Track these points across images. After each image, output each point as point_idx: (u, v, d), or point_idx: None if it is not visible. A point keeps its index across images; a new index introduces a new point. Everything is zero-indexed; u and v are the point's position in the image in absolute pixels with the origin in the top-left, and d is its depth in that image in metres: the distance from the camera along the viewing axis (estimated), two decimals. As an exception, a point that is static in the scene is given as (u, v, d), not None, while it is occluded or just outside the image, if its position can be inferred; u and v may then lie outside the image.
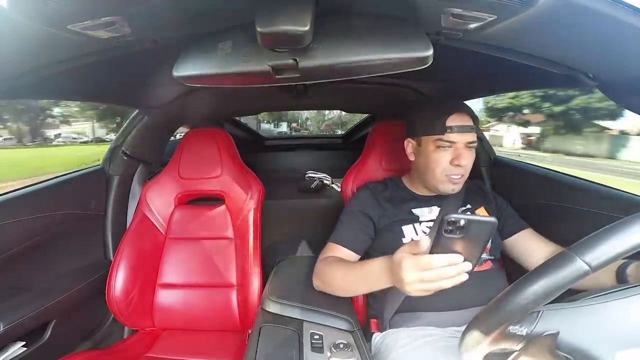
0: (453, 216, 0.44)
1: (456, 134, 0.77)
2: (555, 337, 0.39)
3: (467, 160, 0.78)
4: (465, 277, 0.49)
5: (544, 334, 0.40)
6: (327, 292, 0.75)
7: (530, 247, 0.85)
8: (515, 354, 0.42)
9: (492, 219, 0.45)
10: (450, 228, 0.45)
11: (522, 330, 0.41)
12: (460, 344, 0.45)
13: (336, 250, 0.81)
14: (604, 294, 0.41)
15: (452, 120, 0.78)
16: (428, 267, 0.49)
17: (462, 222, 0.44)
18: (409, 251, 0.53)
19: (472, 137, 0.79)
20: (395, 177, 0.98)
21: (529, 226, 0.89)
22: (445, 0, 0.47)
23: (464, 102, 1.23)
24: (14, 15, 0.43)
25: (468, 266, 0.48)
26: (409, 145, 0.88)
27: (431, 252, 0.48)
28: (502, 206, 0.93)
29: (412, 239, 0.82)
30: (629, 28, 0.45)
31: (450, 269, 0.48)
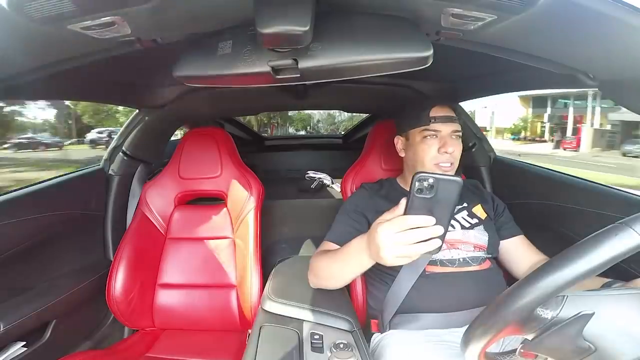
0: (422, 174, 0.48)
1: (440, 123, 0.83)
2: (587, 319, 0.38)
3: (454, 147, 0.82)
4: (439, 243, 0.50)
5: (580, 313, 0.38)
6: (321, 287, 0.76)
7: (520, 254, 0.86)
8: (525, 346, 0.41)
9: (458, 178, 0.48)
10: (420, 187, 0.48)
11: (548, 313, 0.39)
12: (466, 334, 0.44)
13: (328, 247, 0.82)
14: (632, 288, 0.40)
15: (435, 112, 0.84)
16: (401, 228, 0.50)
17: (430, 180, 0.48)
18: (385, 218, 0.54)
19: (455, 126, 0.84)
20: (390, 177, 1.00)
21: (522, 233, 0.90)
22: (445, 0, 0.47)
23: (464, 101, 1.25)
24: (14, 15, 0.43)
25: (439, 230, 0.49)
26: (399, 142, 0.93)
27: (405, 214, 0.51)
28: (500, 208, 0.94)
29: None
30: (629, 28, 0.45)
31: (423, 231, 0.49)
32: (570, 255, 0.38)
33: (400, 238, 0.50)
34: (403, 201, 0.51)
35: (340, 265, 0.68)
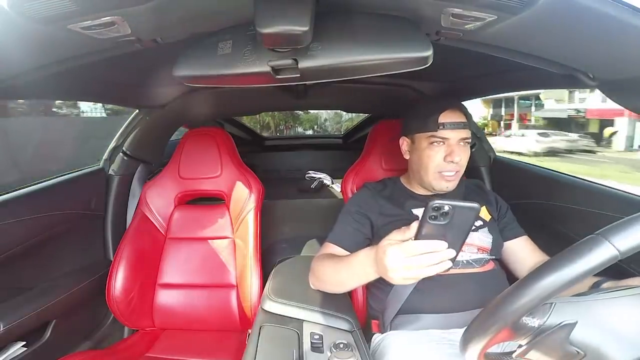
0: (437, 202, 0.45)
1: (449, 130, 0.78)
2: (571, 327, 0.38)
3: (461, 156, 0.79)
4: (449, 264, 0.49)
5: (562, 323, 0.38)
6: (322, 290, 0.76)
7: (524, 255, 0.85)
8: (517, 352, 0.41)
9: (475, 205, 0.45)
10: (434, 214, 0.46)
11: (535, 321, 0.40)
12: (462, 340, 0.45)
13: (331, 249, 0.82)
14: (621, 289, 0.40)
15: (445, 117, 0.79)
16: (412, 253, 0.49)
17: (446, 208, 0.45)
18: (395, 238, 0.53)
19: (465, 133, 0.80)
20: (394, 177, 0.98)
21: (525, 234, 0.89)
22: (445, 0, 0.47)
23: (462, 102, 1.24)
24: (14, 15, 0.43)
25: (451, 253, 0.48)
26: (404, 143, 0.90)
27: (416, 238, 0.49)
28: (503, 209, 0.93)
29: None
30: (629, 28, 0.45)
31: (434, 256, 0.48)
32: (546, 270, 0.38)
33: (410, 262, 0.49)
34: (415, 225, 0.50)
35: (345, 274, 0.68)
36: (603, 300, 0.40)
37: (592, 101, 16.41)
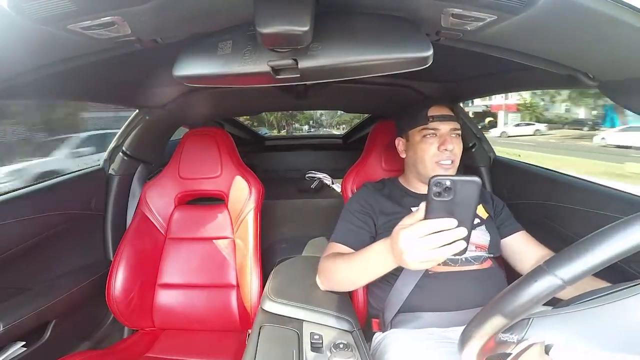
0: (439, 177, 0.46)
1: (438, 122, 0.84)
2: (541, 345, 0.39)
3: (454, 145, 0.83)
4: (463, 245, 0.49)
5: (530, 344, 0.40)
6: (333, 290, 0.75)
7: (523, 249, 0.86)
8: (512, 355, 0.42)
9: (476, 178, 0.47)
10: (438, 190, 0.47)
11: (513, 337, 0.41)
12: (459, 345, 0.45)
13: (337, 248, 0.82)
14: (594, 299, 0.41)
15: (433, 111, 0.85)
16: (423, 232, 0.49)
17: (447, 183, 0.46)
18: (407, 222, 0.53)
19: (454, 124, 0.86)
20: (392, 177, 1.00)
21: (523, 228, 0.90)
22: (445, 0, 0.47)
23: (463, 101, 1.25)
24: (14, 15, 0.43)
25: (463, 231, 0.48)
26: (399, 143, 0.94)
27: (425, 218, 0.50)
28: (499, 207, 0.94)
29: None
30: (629, 28, 0.45)
31: (446, 234, 0.48)
32: (496, 305, 0.40)
33: (424, 243, 0.49)
34: (422, 205, 0.50)
35: (360, 269, 0.67)
36: (580, 311, 0.40)
37: (498, 98, 20.20)
